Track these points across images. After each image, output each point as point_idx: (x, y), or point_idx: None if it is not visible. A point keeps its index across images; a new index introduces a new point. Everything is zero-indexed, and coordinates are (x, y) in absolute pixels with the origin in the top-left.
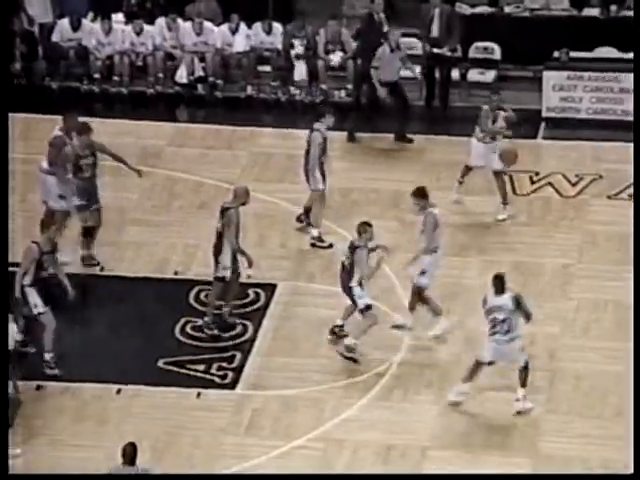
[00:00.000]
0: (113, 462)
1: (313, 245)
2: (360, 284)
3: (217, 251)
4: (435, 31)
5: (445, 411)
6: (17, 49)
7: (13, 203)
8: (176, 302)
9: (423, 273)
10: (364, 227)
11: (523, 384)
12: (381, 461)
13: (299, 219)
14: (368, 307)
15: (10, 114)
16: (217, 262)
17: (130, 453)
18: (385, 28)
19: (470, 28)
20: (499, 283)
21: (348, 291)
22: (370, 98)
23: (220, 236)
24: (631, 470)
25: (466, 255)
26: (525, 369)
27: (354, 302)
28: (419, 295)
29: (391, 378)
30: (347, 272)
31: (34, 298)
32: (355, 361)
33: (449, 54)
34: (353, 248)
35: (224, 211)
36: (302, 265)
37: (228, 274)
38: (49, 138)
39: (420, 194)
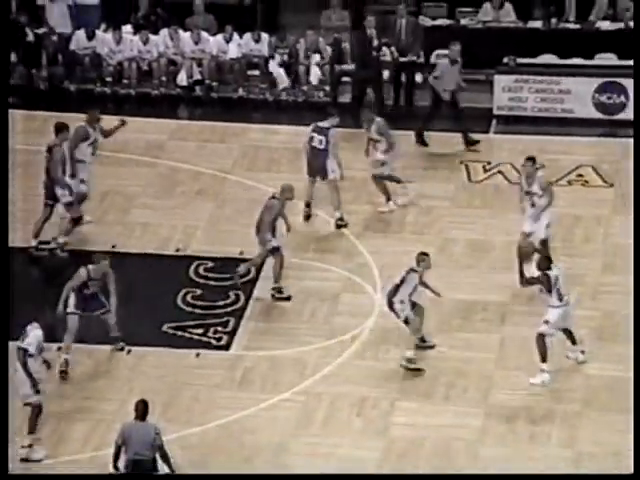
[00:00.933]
0: (123, 411)
1: (339, 227)
2: (401, 303)
3: (258, 230)
4: (402, 40)
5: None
6: (43, 56)
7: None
8: (178, 275)
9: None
10: (422, 257)
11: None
12: (355, 411)
13: (338, 226)
14: (407, 320)
15: (33, 112)
16: (264, 239)
17: (142, 409)
18: (375, 42)
19: (431, 37)
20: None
21: (390, 305)
22: (434, 102)
23: (261, 219)
24: None
25: (426, 234)
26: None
27: (397, 315)
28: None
29: (364, 340)
30: (395, 288)
31: (72, 299)
32: (419, 370)
33: (414, 60)
34: (410, 270)
35: (270, 199)
36: (287, 242)
37: (276, 243)
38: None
39: (530, 159)
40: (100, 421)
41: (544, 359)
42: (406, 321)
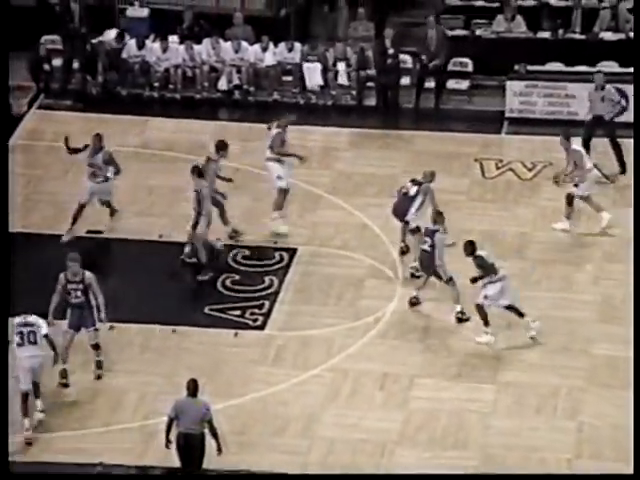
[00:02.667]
0: (170, 384)
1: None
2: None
3: (405, 212)
4: (432, 47)
5: (428, 348)
6: (99, 64)
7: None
8: (217, 262)
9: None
10: (440, 216)
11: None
12: (378, 386)
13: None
14: (451, 278)
15: (89, 114)
16: (406, 220)
17: (193, 387)
18: (390, 51)
19: (449, 46)
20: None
21: (434, 270)
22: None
23: (411, 200)
24: None
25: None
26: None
27: (439, 277)
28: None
29: (386, 322)
30: (430, 255)
31: (68, 314)
32: (468, 319)
33: (441, 65)
34: (432, 232)
35: (421, 184)
36: (317, 233)
37: (420, 222)
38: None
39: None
40: (148, 393)
41: (486, 323)
42: (448, 281)
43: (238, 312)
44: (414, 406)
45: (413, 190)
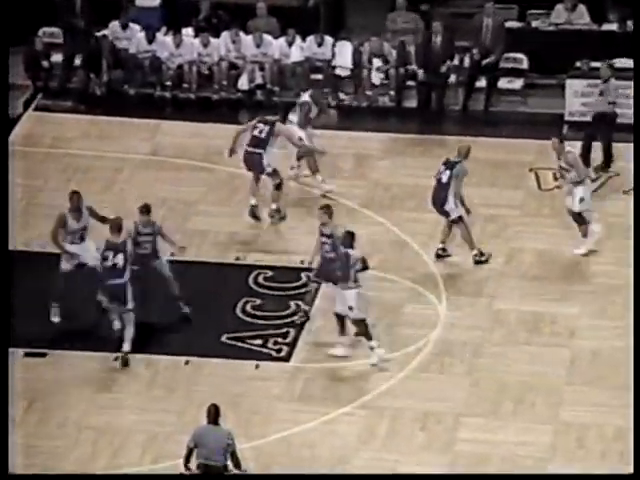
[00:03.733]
0: (182, 423)
1: (478, 262)
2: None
3: (443, 201)
4: (487, 40)
5: (477, 382)
6: (103, 61)
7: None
8: (237, 284)
9: (582, 200)
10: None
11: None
12: (419, 426)
13: (476, 262)
14: (460, 218)
15: (91, 117)
16: (445, 210)
17: (214, 413)
18: (438, 44)
19: (505, 40)
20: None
21: (440, 207)
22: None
23: (445, 186)
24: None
25: (493, 243)
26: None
27: (447, 214)
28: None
29: (429, 352)
30: (443, 187)
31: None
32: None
33: (495, 62)
34: (451, 164)
35: (453, 165)
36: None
37: (462, 211)
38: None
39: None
40: (158, 433)
41: (369, 338)
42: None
43: (260, 341)
44: (460, 449)
45: (445, 175)
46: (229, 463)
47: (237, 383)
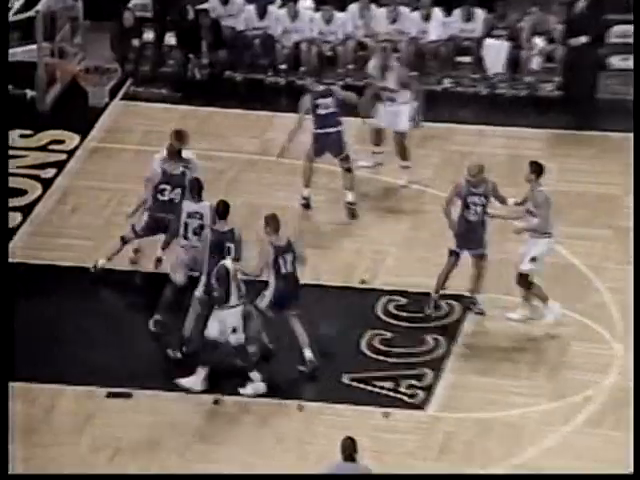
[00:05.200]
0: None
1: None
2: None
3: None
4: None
5: None
6: (204, 41)
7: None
8: (362, 313)
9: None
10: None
11: None
12: None
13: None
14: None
15: (189, 107)
16: None
17: (349, 448)
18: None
19: None
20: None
21: None
22: None
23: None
24: None
25: None
26: None
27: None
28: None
29: (601, 403)
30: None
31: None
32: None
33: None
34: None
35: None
36: (499, 276)
37: None
38: None
39: (534, 167)
40: None
41: (251, 369)
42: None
43: (389, 384)
44: None
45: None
46: None
47: (361, 435)
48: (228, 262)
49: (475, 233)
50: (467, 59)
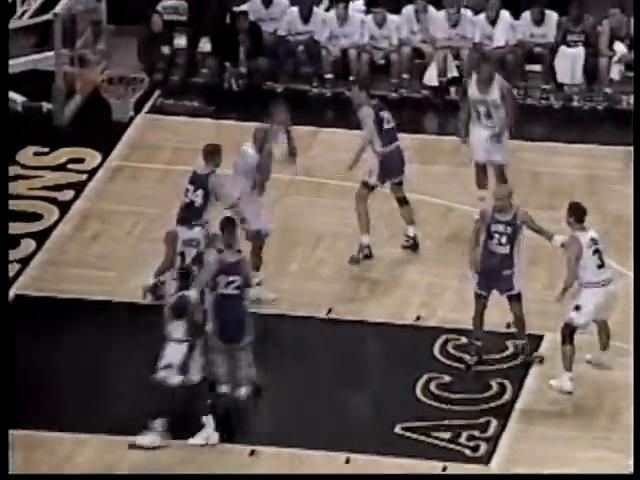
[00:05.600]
0: None
1: None
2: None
3: None
4: None
5: None
6: (242, 47)
7: None
8: (418, 354)
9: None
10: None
11: None
12: None
13: None
14: None
15: (224, 121)
16: None
17: None
18: None
19: None
20: None
21: None
22: None
23: None
24: None
25: None
26: None
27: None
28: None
29: None
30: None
31: None
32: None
33: None
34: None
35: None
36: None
37: None
38: None
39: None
40: None
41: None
42: None
43: (448, 434)
44: None
45: None
46: None
47: None
48: (192, 293)
49: (501, 269)
50: (538, 68)
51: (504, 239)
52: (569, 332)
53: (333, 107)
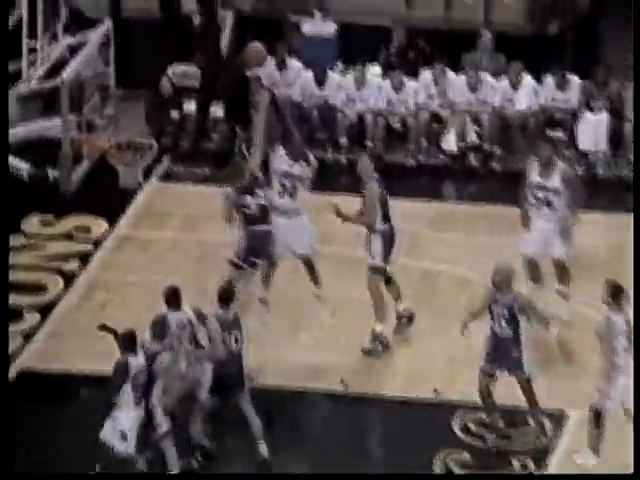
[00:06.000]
0: None
1: None
2: None
3: None
4: None
5: None
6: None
7: None
8: (436, 430)
9: None
10: None
11: None
12: None
13: None
14: None
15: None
16: None
17: None
18: None
19: None
20: None
21: None
22: None
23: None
24: None
25: None
26: None
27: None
28: None
29: None
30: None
31: None
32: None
33: None
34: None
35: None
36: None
37: None
38: None
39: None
40: None
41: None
42: None
43: None
44: None
45: None
46: None
47: None
48: (133, 360)
49: (507, 351)
50: (560, 133)
51: (503, 323)
52: (596, 416)
53: (348, 173)
